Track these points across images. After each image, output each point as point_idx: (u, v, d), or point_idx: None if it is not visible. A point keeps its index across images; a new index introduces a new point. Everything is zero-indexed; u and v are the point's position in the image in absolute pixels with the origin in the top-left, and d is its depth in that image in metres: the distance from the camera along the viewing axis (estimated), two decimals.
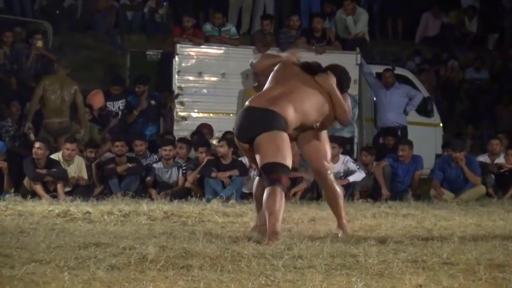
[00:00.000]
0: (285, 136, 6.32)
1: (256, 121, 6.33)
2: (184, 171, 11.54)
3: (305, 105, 6.48)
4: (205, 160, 11.38)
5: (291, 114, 6.38)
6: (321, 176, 6.80)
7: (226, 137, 11.55)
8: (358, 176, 11.54)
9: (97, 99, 13.03)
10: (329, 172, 6.76)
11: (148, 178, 11.50)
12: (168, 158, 11.55)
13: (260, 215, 6.49)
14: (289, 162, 6.28)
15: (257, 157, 6.33)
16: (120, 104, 13.20)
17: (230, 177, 11.13)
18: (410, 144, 12.16)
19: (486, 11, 18.89)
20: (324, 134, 6.78)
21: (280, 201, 6.12)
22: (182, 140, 12.02)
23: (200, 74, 13.10)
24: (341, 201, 6.86)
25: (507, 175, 12.01)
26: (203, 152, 11.49)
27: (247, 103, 6.52)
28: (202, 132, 12.50)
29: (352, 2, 14.93)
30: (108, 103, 13.14)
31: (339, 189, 6.85)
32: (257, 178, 6.68)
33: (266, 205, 6.13)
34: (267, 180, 6.21)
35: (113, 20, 16.44)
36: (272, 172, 6.19)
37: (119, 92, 13.33)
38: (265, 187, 6.24)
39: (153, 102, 12.96)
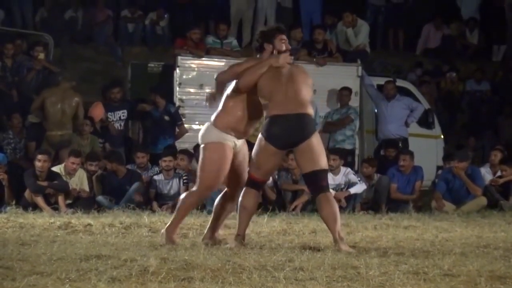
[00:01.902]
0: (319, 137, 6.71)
1: (296, 128, 6.53)
2: (185, 181, 11.51)
3: (306, 96, 6.69)
4: None
5: (311, 109, 6.69)
6: None
7: None
8: (359, 188, 11.53)
9: (97, 111, 12.94)
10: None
11: (150, 191, 11.50)
12: (168, 169, 11.53)
13: (243, 223, 6.75)
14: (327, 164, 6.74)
15: (304, 161, 6.56)
16: (121, 114, 13.13)
17: None
18: (411, 154, 12.17)
19: (489, 22, 18.88)
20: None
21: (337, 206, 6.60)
22: (183, 151, 12.01)
23: (201, 86, 13.09)
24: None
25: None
26: None
27: (273, 112, 6.59)
28: None
29: (352, 14, 14.95)
30: (109, 113, 13.05)
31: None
32: (245, 189, 6.76)
33: (328, 212, 6.47)
34: (318, 187, 6.54)
35: (110, 29, 16.46)
36: (322, 179, 6.55)
37: (120, 96, 13.14)
38: (314, 193, 6.62)
39: (166, 117, 12.84)
